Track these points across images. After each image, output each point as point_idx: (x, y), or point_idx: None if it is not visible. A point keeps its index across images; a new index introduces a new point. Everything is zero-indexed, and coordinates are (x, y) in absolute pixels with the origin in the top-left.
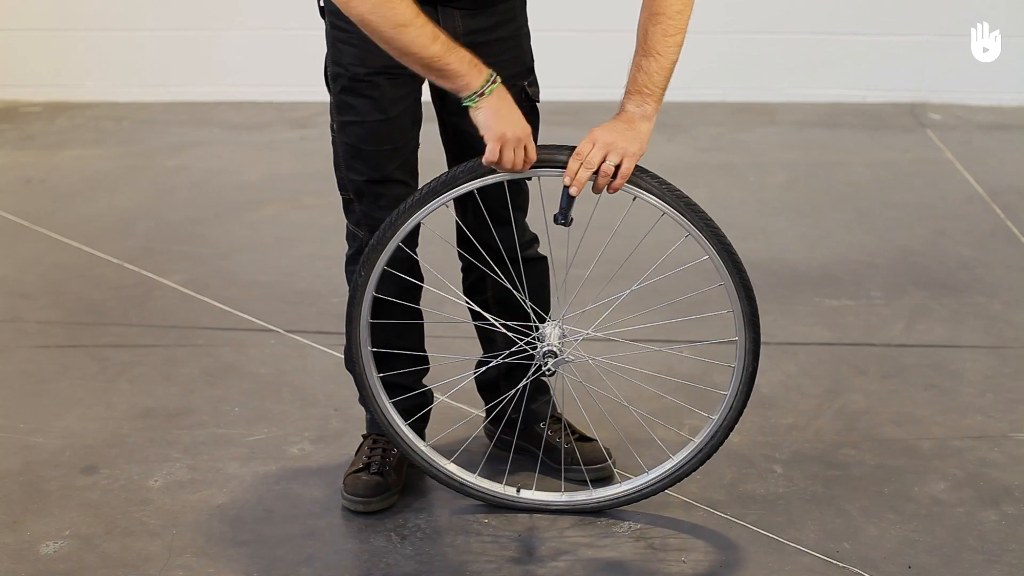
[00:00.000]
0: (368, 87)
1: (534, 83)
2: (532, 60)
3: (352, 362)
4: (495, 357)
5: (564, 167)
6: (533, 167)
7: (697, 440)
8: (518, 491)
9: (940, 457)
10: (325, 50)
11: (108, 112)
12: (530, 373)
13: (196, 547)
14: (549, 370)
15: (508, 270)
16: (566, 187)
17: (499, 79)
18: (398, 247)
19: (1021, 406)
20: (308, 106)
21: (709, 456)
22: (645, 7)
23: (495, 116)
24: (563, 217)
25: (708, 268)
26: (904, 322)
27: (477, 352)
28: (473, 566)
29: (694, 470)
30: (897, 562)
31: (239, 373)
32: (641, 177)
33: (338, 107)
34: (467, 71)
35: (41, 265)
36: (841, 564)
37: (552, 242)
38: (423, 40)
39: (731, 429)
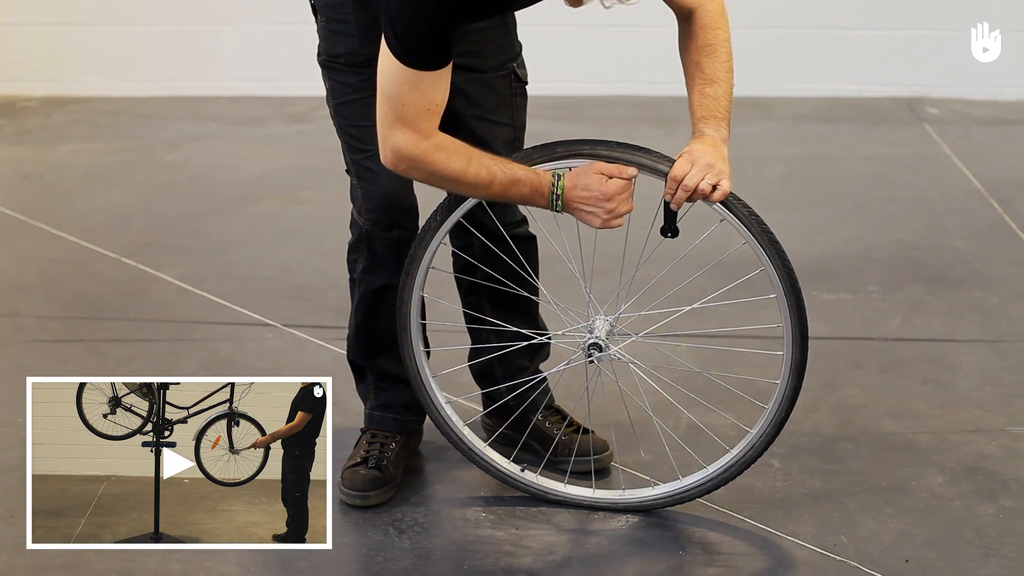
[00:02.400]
0: (363, 68)
1: (522, 65)
2: (520, 44)
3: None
4: (539, 336)
5: (662, 176)
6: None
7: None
8: (522, 470)
9: (937, 451)
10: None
11: (105, 107)
12: (567, 362)
13: None
14: (590, 360)
15: (498, 249)
16: (667, 203)
17: (561, 174)
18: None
19: (1018, 400)
20: (306, 101)
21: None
22: (690, 43)
23: (580, 198)
24: (671, 232)
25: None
26: (901, 316)
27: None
28: (470, 560)
29: (749, 465)
30: (895, 556)
31: (237, 367)
32: (734, 203)
33: (334, 92)
34: (531, 193)
35: (38, 260)
36: (838, 558)
37: (618, 239)
38: (482, 183)
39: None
